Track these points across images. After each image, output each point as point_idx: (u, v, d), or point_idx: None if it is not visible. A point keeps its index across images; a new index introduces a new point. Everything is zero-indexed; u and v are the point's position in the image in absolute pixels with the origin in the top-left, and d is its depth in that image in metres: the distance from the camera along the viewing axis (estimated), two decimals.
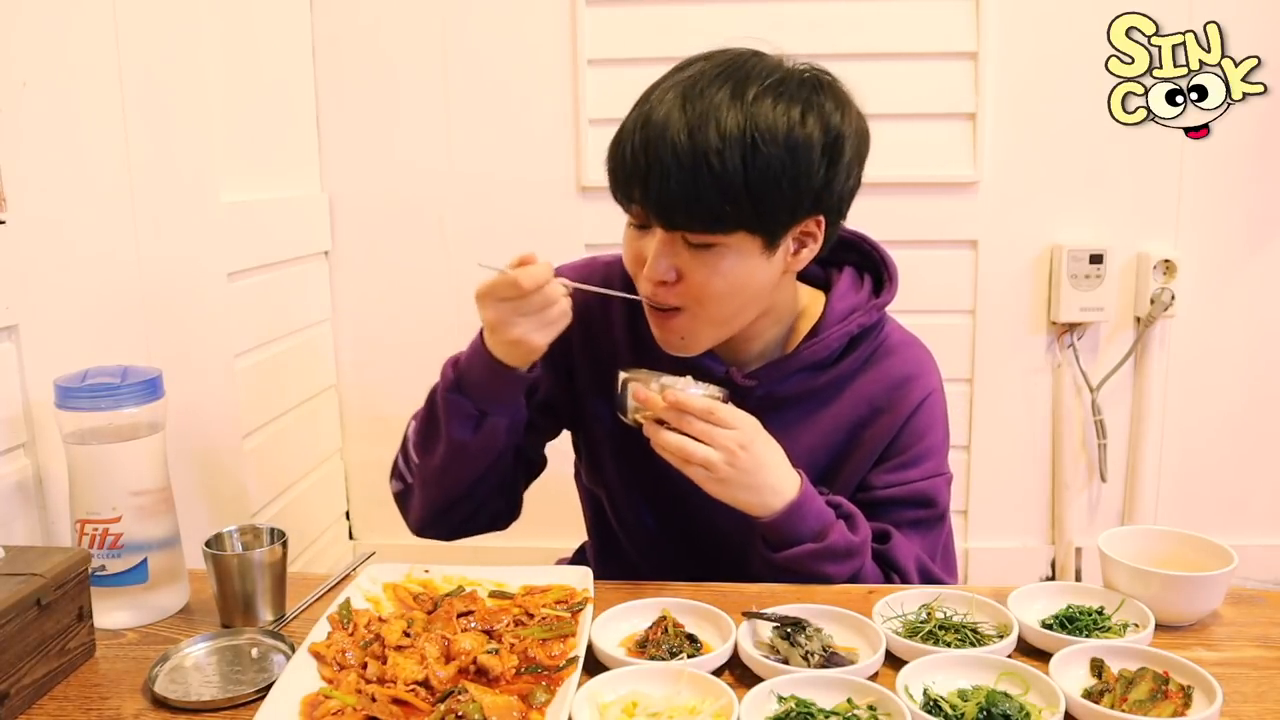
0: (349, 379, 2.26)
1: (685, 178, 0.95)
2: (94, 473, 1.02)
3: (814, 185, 1.00)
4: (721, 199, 0.96)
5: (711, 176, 0.95)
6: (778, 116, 0.96)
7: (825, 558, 1.05)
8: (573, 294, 1.15)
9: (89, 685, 0.91)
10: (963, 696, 0.82)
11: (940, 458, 1.17)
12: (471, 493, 1.13)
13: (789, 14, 2.06)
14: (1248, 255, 2.13)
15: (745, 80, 0.98)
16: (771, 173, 0.96)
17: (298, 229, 2.07)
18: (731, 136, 0.95)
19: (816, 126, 0.98)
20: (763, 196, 0.97)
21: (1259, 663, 0.92)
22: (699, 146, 0.95)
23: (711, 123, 0.95)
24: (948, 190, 2.12)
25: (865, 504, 1.13)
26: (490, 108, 2.14)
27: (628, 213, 1.06)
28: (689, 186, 0.96)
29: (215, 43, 1.69)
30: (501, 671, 0.87)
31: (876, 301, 1.14)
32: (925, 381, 1.16)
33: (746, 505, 1.04)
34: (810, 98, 0.99)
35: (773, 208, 0.98)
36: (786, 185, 0.97)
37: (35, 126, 1.23)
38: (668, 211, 0.99)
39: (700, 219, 0.98)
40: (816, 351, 1.11)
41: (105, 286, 1.38)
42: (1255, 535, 2.23)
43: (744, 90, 0.97)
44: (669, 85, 1.00)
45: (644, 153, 0.97)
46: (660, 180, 0.96)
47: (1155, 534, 1.06)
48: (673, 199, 0.97)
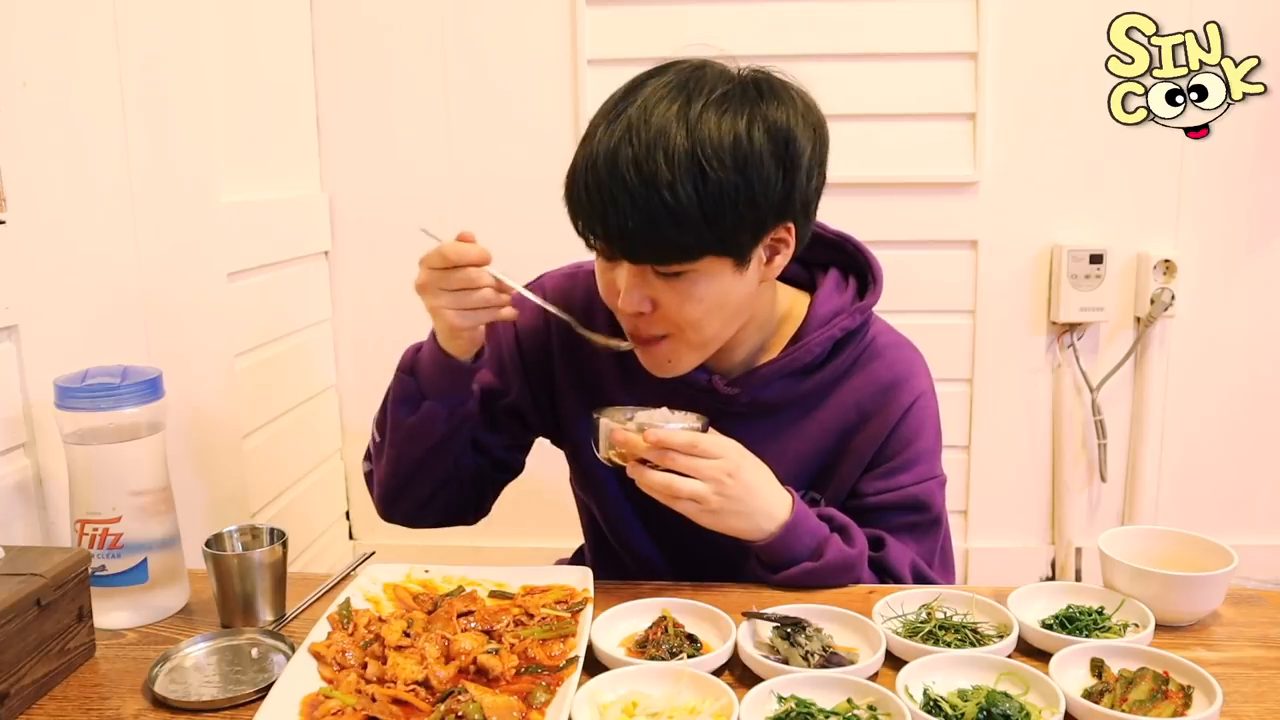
0: (349, 379, 2.26)
1: (640, 215, 0.93)
2: (94, 473, 1.02)
3: (773, 198, 0.97)
4: (681, 231, 0.94)
5: (666, 210, 0.93)
6: (724, 134, 0.93)
7: (823, 574, 1.05)
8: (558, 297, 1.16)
9: (89, 685, 0.91)
10: (963, 696, 0.82)
11: (932, 461, 1.15)
12: (418, 475, 1.13)
13: (789, 14, 2.06)
14: (1248, 255, 2.13)
15: (689, 99, 0.95)
16: (726, 197, 0.94)
17: (298, 229, 2.07)
18: (681, 165, 0.92)
19: (764, 136, 0.95)
20: (720, 221, 0.95)
21: (1259, 663, 0.92)
22: (649, 180, 0.92)
23: (659, 152, 0.92)
24: (947, 190, 2.12)
25: (857, 511, 1.12)
26: (490, 108, 2.14)
27: (591, 249, 1.04)
28: (646, 222, 0.94)
29: (215, 43, 1.69)
30: (501, 671, 0.87)
31: (861, 304, 1.12)
32: (914, 384, 1.14)
33: (740, 531, 1.03)
34: (754, 106, 0.96)
35: (733, 230, 0.96)
36: (744, 206, 0.95)
37: (35, 126, 1.23)
38: (630, 248, 0.98)
39: (663, 252, 0.97)
40: (800, 357, 1.10)
41: (105, 286, 1.38)
42: (1255, 535, 2.23)
43: (688, 109, 0.94)
44: (615, 114, 0.97)
45: (598, 191, 0.95)
46: (618, 219, 0.95)
47: (1155, 534, 1.06)
48: (633, 236, 0.96)
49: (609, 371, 1.16)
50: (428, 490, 1.15)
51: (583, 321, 1.11)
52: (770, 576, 1.06)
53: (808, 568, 1.04)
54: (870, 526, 1.11)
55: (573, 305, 1.15)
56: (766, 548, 1.04)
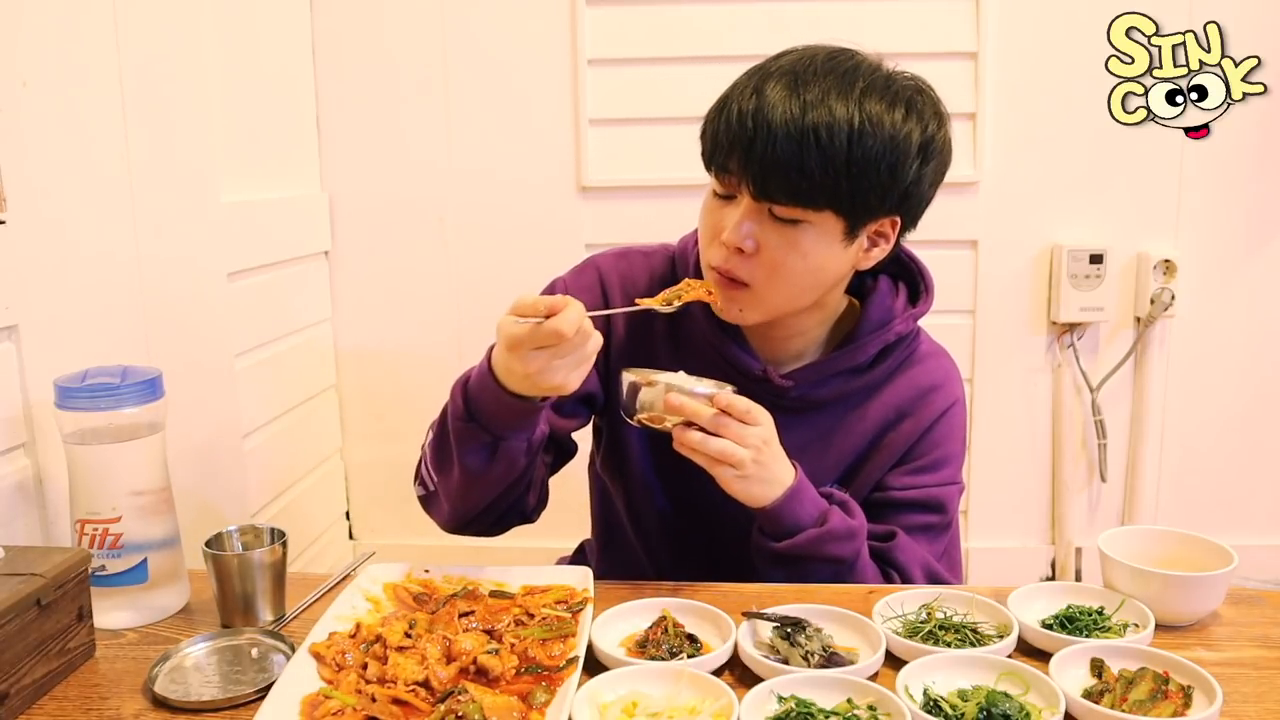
0: (349, 379, 2.26)
1: (791, 146, 0.97)
2: (94, 473, 1.02)
3: (904, 182, 1.02)
4: (823, 172, 0.98)
5: (818, 149, 0.97)
6: (883, 112, 0.99)
7: (828, 540, 1.05)
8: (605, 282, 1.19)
9: (89, 685, 0.91)
10: (963, 696, 0.82)
11: (956, 467, 1.18)
12: (495, 505, 1.10)
13: (789, 14, 2.06)
14: (1248, 255, 2.13)
15: (853, 75, 1.00)
16: (873, 158, 0.99)
17: (298, 229, 2.07)
18: (840, 119, 0.97)
19: (917, 128, 1.01)
20: (860, 177, 0.99)
21: (1259, 663, 0.92)
22: (809, 121, 0.97)
23: (823, 104, 0.98)
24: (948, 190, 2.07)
25: (877, 504, 1.14)
26: (490, 107, 2.14)
27: (717, 179, 1.06)
28: (794, 155, 0.97)
29: (215, 43, 1.69)
30: (502, 672, 0.87)
31: (913, 311, 1.16)
32: (950, 391, 1.18)
33: (756, 498, 1.04)
34: (913, 100, 1.02)
35: (865, 191, 1.00)
36: (884, 172, 1.00)
37: (35, 126, 1.23)
38: (765, 178, 1.00)
39: (796, 190, 0.99)
40: (854, 356, 1.12)
41: (105, 286, 1.38)
42: (1255, 535, 2.23)
43: (852, 84, 0.99)
44: (774, 69, 1.02)
45: (752, 118, 0.99)
46: (765, 145, 0.98)
47: (1155, 534, 1.06)
48: (774, 165, 0.98)
49: (663, 350, 1.18)
50: (503, 510, 1.12)
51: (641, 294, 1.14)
52: (776, 546, 1.06)
53: (812, 534, 1.04)
54: (887, 521, 1.13)
55: (632, 292, 1.17)
56: (773, 513, 1.04)
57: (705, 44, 2.05)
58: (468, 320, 2.19)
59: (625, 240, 1.28)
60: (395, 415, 2.25)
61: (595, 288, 1.18)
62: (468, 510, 1.11)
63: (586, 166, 2.12)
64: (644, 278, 1.20)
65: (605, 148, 2.12)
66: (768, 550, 1.07)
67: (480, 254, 2.19)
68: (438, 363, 2.19)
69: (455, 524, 1.14)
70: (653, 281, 1.18)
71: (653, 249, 1.23)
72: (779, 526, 1.05)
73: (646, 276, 1.20)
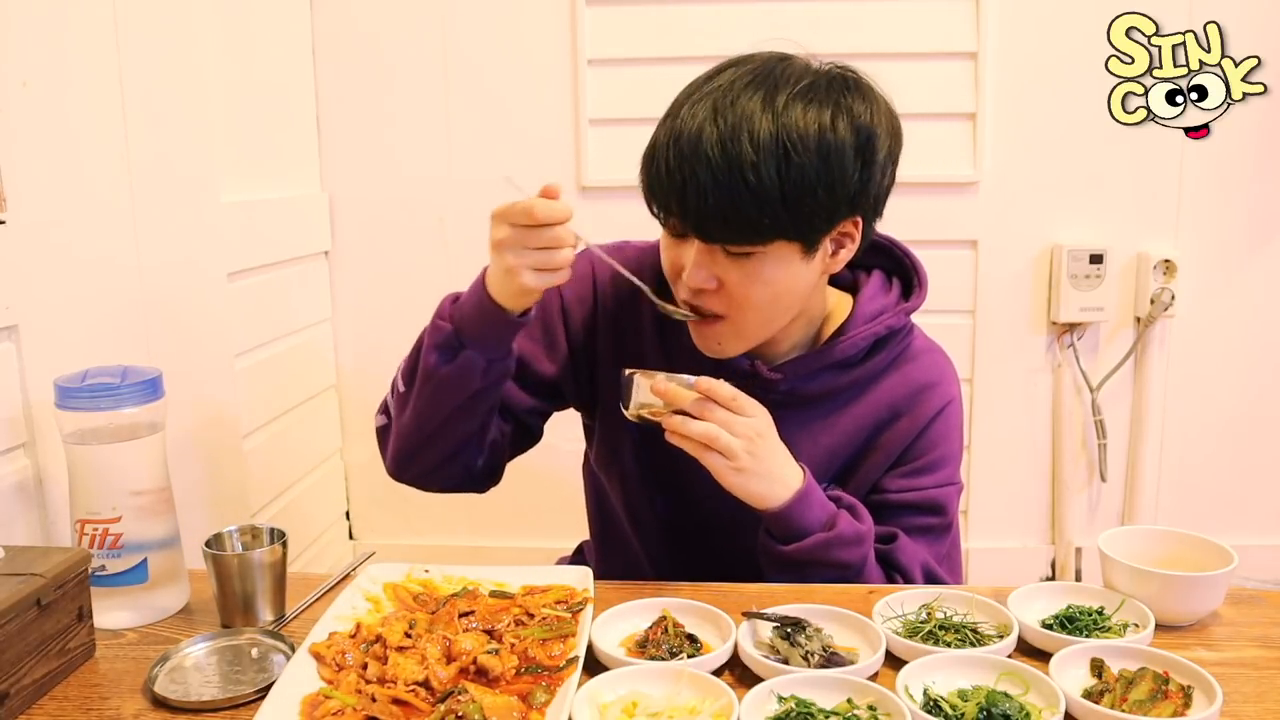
0: (349, 379, 2.27)
1: (721, 193, 0.96)
2: (94, 473, 1.02)
3: (849, 189, 1.00)
4: (759, 211, 0.96)
5: (747, 190, 0.95)
6: (809, 123, 0.96)
7: (836, 545, 1.04)
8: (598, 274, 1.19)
9: (89, 685, 0.91)
10: (963, 696, 0.82)
11: (953, 467, 1.17)
12: (443, 430, 1.09)
13: (789, 14, 2.06)
14: (1248, 255, 2.13)
15: (775, 88, 0.98)
16: (806, 181, 0.96)
17: (298, 229, 2.07)
18: (765, 148, 0.95)
19: (848, 129, 0.98)
20: (799, 205, 0.97)
21: (1259, 663, 0.92)
22: (733, 160, 0.95)
23: (744, 134, 0.95)
24: (948, 190, 2.12)
25: (876, 506, 1.13)
26: (490, 108, 2.14)
27: (663, 225, 1.06)
28: (725, 201, 0.96)
29: (215, 43, 1.69)
30: (502, 672, 0.87)
31: (905, 305, 1.15)
32: (945, 389, 1.16)
33: (759, 497, 1.03)
34: (839, 99, 0.99)
35: (809, 215, 0.99)
36: (822, 192, 0.98)
37: (35, 126, 1.23)
38: (705, 225, 0.99)
39: (738, 231, 0.98)
40: (844, 350, 1.11)
41: (105, 286, 1.38)
42: (1255, 535, 2.23)
43: (774, 97, 0.97)
44: (699, 96, 1.00)
45: (679, 169, 0.97)
46: (696, 196, 0.97)
47: (1155, 534, 1.06)
48: (710, 213, 0.97)
49: (651, 347, 1.18)
50: (450, 448, 1.12)
51: (631, 305, 1.15)
52: (784, 550, 1.05)
53: (820, 538, 1.04)
54: (886, 523, 1.12)
55: (621, 286, 1.17)
56: (780, 516, 1.04)
57: (705, 44, 2.05)
58: None
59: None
60: None
61: (586, 278, 1.19)
62: (415, 431, 1.10)
63: (586, 166, 2.12)
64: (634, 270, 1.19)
65: (605, 148, 2.12)
66: (775, 553, 1.06)
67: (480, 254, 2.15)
68: None
69: (401, 447, 1.13)
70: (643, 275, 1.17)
71: (649, 245, 1.23)
72: (787, 529, 1.05)
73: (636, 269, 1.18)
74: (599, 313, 1.19)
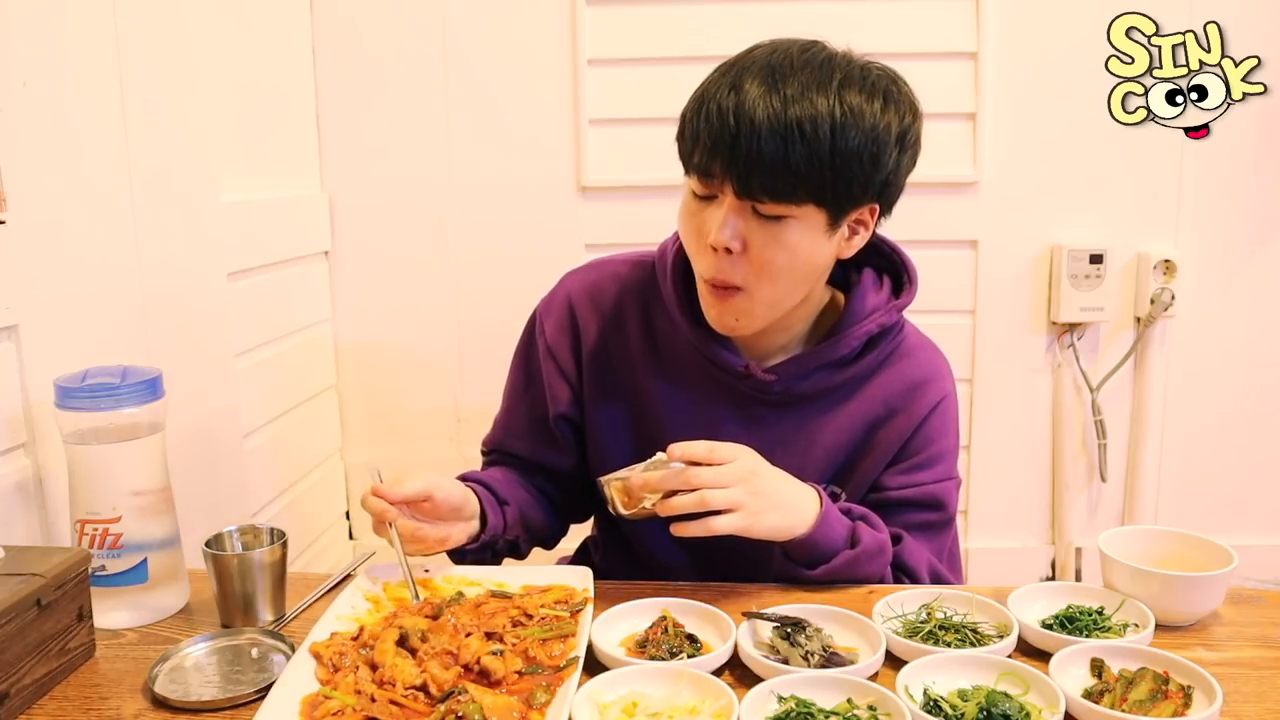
0: (349, 379, 2.26)
1: (776, 142, 0.97)
2: (94, 473, 1.02)
3: (884, 171, 1.02)
4: (807, 166, 0.98)
5: (803, 143, 0.97)
6: (863, 103, 0.99)
7: (863, 561, 1.05)
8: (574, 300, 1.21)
9: (89, 685, 0.91)
10: (963, 696, 0.82)
11: (951, 462, 1.17)
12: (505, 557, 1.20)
13: (789, 14, 2.06)
14: (1248, 255, 2.13)
15: (829, 67, 1.01)
16: (855, 149, 0.99)
17: (298, 229, 2.07)
18: (822, 112, 0.97)
19: (895, 119, 1.02)
20: (844, 169, 0.99)
21: (1259, 663, 0.92)
22: (791, 115, 0.97)
23: (804, 98, 0.98)
24: (948, 190, 2.12)
25: (876, 504, 1.13)
26: (490, 108, 2.14)
27: (698, 179, 1.04)
28: (778, 151, 0.97)
29: (215, 43, 1.69)
30: (505, 674, 0.86)
31: (897, 302, 1.15)
32: (940, 385, 1.17)
33: (784, 530, 1.02)
34: (889, 91, 1.03)
35: (849, 182, 1.00)
36: (867, 162, 1.00)
37: (35, 126, 1.23)
38: (749, 176, 0.99)
39: (780, 185, 0.99)
40: (838, 349, 1.11)
41: (105, 286, 1.37)
42: (1255, 535, 2.23)
43: (829, 76, 1.00)
44: (749, 64, 1.02)
45: (734, 115, 0.98)
46: (749, 143, 0.97)
47: (1155, 534, 1.06)
48: (759, 162, 0.98)
49: (639, 357, 1.18)
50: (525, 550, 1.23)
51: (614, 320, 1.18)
52: (808, 574, 1.05)
53: (848, 556, 1.04)
54: (886, 521, 1.12)
55: (602, 304, 1.20)
56: (804, 543, 1.03)
57: (705, 44, 2.05)
58: (468, 320, 2.19)
59: (625, 241, 1.28)
60: (395, 415, 2.24)
61: (565, 317, 1.21)
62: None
63: (586, 167, 2.12)
64: (612, 289, 1.21)
65: (605, 148, 2.12)
66: (801, 579, 1.06)
67: (480, 254, 2.19)
68: (438, 363, 2.19)
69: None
70: (623, 293, 1.20)
71: (631, 258, 1.23)
72: (812, 554, 1.04)
73: (615, 288, 1.21)
74: (583, 338, 1.21)
